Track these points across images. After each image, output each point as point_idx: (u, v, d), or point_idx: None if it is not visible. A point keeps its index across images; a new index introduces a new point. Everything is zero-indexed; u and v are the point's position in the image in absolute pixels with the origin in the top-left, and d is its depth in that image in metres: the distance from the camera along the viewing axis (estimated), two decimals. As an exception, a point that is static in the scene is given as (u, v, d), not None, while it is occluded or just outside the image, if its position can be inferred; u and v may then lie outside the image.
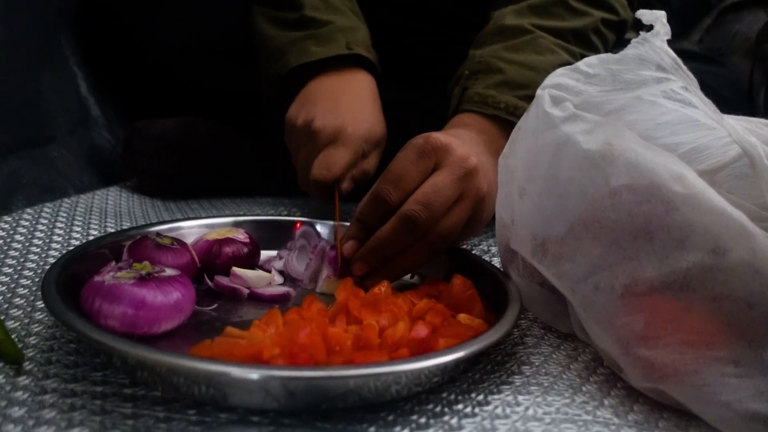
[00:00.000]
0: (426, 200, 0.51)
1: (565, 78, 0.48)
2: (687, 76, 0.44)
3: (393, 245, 0.53)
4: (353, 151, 0.68)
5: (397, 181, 0.52)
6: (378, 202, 0.53)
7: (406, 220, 0.51)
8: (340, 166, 0.67)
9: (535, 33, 0.70)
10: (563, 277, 0.45)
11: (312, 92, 0.73)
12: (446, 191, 0.52)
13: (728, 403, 0.38)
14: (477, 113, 0.66)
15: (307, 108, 0.71)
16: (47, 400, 0.39)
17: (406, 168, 0.53)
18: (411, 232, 0.52)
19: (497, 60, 0.69)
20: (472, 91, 0.68)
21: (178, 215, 0.81)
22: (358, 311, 0.47)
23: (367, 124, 0.70)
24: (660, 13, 0.44)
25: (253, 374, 0.36)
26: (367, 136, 0.70)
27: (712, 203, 0.38)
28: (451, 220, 0.53)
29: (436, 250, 0.54)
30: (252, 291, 0.55)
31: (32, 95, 0.85)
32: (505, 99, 0.66)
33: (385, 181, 0.53)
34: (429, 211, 0.51)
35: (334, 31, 0.75)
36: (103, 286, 0.44)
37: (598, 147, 0.42)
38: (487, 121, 0.66)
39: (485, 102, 0.66)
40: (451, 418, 0.40)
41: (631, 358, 0.42)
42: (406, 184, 0.52)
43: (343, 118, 0.69)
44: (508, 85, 0.67)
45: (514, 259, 0.52)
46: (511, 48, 0.69)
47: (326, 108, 0.70)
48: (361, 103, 0.72)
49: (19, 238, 0.65)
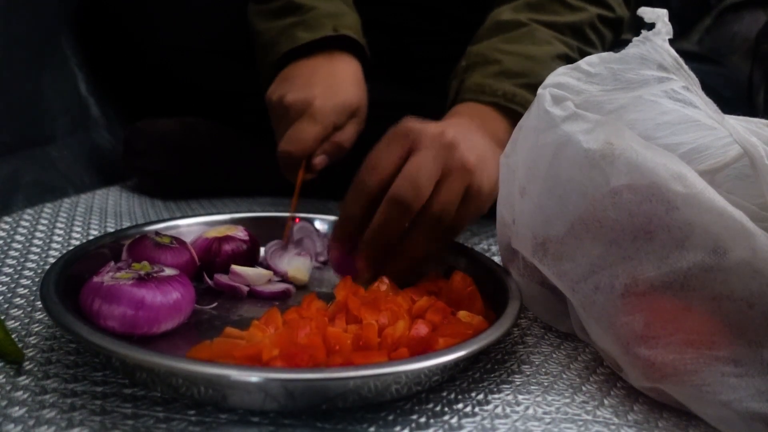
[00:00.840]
0: (409, 177, 0.51)
1: (566, 77, 0.48)
2: (688, 76, 0.44)
3: (389, 231, 0.51)
4: (321, 124, 0.67)
5: (371, 166, 0.52)
6: (357, 190, 0.52)
7: (394, 202, 0.50)
8: (307, 140, 0.66)
9: (531, 25, 0.70)
10: (563, 276, 0.45)
11: (290, 71, 0.73)
12: (427, 166, 0.51)
13: (728, 403, 0.38)
14: (473, 101, 0.66)
15: (283, 85, 0.70)
16: (47, 400, 0.39)
17: (379, 152, 0.53)
18: (403, 214, 0.51)
19: (494, 51, 0.68)
20: (469, 82, 0.67)
21: (178, 215, 0.81)
22: (357, 310, 0.47)
23: (340, 95, 0.69)
24: (662, 12, 0.44)
25: (252, 377, 0.36)
26: (337, 107, 0.68)
27: (713, 203, 0.38)
28: (443, 195, 0.52)
29: (439, 231, 0.53)
30: (251, 289, 0.55)
31: (32, 95, 0.85)
32: (503, 87, 0.65)
33: (362, 170, 0.53)
34: (414, 188, 0.50)
35: (321, 16, 0.75)
36: (102, 286, 0.44)
37: (598, 146, 0.42)
38: (483, 106, 0.65)
39: (482, 90, 0.66)
40: (451, 417, 0.40)
41: (631, 358, 0.42)
42: (381, 167, 0.52)
43: (314, 91, 0.68)
44: (505, 75, 0.66)
45: (514, 258, 0.52)
46: (507, 40, 0.69)
47: (299, 83, 0.69)
48: (336, 76, 0.71)
49: (19, 238, 0.65)
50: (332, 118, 0.68)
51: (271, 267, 0.58)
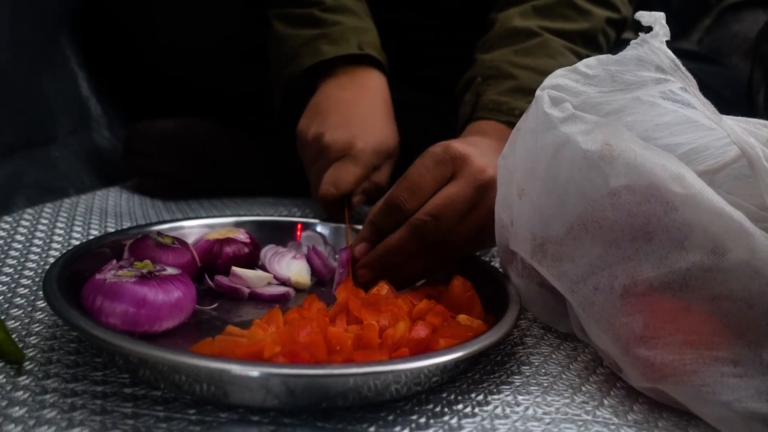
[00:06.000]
0: (437, 212, 0.51)
1: (565, 79, 0.48)
2: (686, 77, 0.44)
3: (401, 254, 0.53)
4: (363, 166, 0.68)
5: (412, 189, 0.52)
6: (392, 208, 0.52)
7: (416, 230, 0.51)
8: (349, 182, 0.66)
9: (543, 36, 0.70)
10: (563, 277, 0.45)
11: (323, 102, 0.72)
12: (458, 203, 0.52)
13: (728, 403, 0.39)
14: (493, 120, 0.66)
15: (318, 120, 0.70)
16: (48, 400, 0.39)
17: (422, 176, 0.52)
18: (420, 241, 0.52)
19: (508, 65, 0.68)
20: (486, 98, 0.67)
21: (178, 215, 0.81)
22: (358, 311, 0.47)
23: (378, 136, 0.70)
24: (659, 15, 0.44)
25: (253, 372, 0.36)
26: (378, 149, 0.69)
27: (712, 203, 0.38)
28: (462, 231, 0.53)
29: (446, 260, 0.54)
30: (252, 291, 0.55)
31: (33, 96, 0.85)
32: (520, 105, 0.65)
33: (401, 188, 0.52)
34: (439, 222, 0.51)
35: (345, 31, 0.75)
36: (105, 284, 0.44)
37: (597, 147, 0.42)
38: (506, 128, 0.65)
39: (500, 109, 0.66)
40: (451, 418, 0.40)
41: (630, 358, 0.42)
42: (421, 192, 0.52)
43: (354, 131, 0.68)
44: (521, 91, 0.66)
45: (513, 259, 0.53)
46: (521, 52, 0.69)
47: (336, 121, 0.69)
48: (373, 114, 0.72)
49: (19, 238, 0.66)
50: (373, 161, 0.69)
51: (271, 273, 0.58)
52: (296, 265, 0.59)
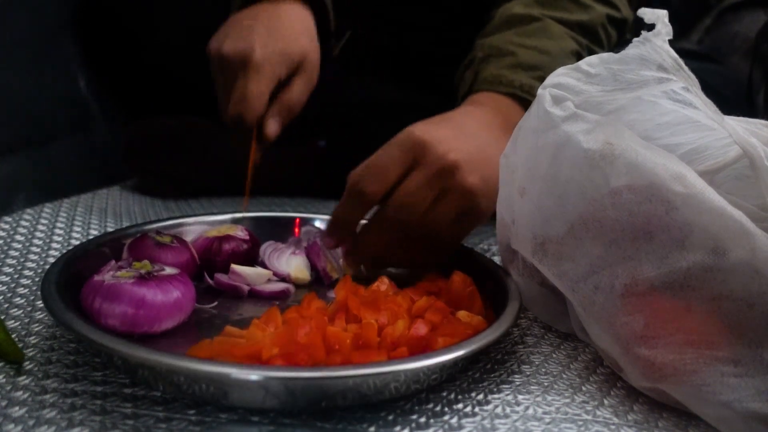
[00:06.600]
0: (399, 202, 0.51)
1: (566, 77, 0.48)
2: (688, 77, 0.44)
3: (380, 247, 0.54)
4: (265, 76, 0.62)
5: (374, 173, 0.51)
6: (355, 197, 0.52)
7: (384, 222, 0.52)
8: (254, 96, 0.61)
9: (544, 20, 0.70)
10: (563, 276, 0.45)
11: (232, 20, 0.69)
12: (421, 191, 0.51)
13: (728, 403, 0.38)
14: (490, 92, 0.65)
15: (221, 35, 0.67)
16: (47, 400, 0.39)
17: (384, 162, 0.51)
18: (393, 233, 0.52)
19: (508, 44, 0.68)
20: (485, 73, 0.66)
21: (178, 215, 0.81)
22: (357, 309, 0.47)
23: (281, 42, 0.64)
24: (662, 13, 0.44)
25: (252, 375, 0.36)
26: (281, 55, 0.63)
27: (712, 203, 0.38)
28: (435, 218, 0.52)
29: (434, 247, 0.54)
30: (251, 288, 0.55)
31: (32, 95, 0.85)
32: (519, 78, 0.64)
33: (362, 175, 0.52)
34: (404, 212, 0.51)
35: None
36: (103, 285, 0.44)
37: (598, 147, 0.42)
38: (504, 98, 0.64)
39: (500, 81, 0.65)
40: (451, 417, 0.40)
41: (630, 358, 0.42)
42: (384, 178, 0.51)
43: (253, 38, 0.63)
44: (521, 67, 0.66)
45: (514, 258, 0.52)
46: (521, 33, 0.69)
47: (238, 31, 0.65)
48: (279, 23, 0.66)
49: (19, 238, 0.66)
50: (276, 69, 0.63)
51: (271, 269, 0.58)
52: (296, 261, 0.59)
